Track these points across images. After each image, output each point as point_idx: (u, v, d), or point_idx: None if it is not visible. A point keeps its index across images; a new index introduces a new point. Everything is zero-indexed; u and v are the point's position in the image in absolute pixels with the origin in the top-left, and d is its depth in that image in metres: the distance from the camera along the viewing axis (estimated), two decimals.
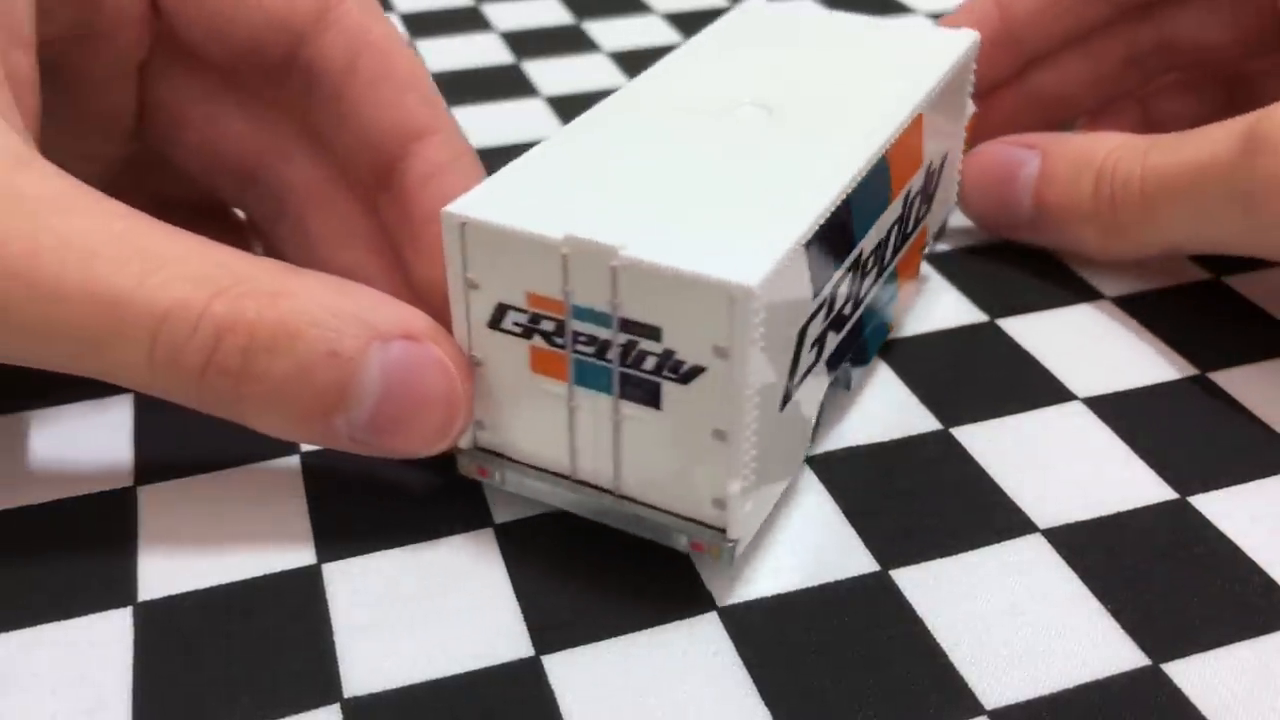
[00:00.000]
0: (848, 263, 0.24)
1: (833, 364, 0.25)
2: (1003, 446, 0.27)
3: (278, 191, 0.28)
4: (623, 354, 0.21)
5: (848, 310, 0.25)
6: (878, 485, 0.26)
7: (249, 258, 0.22)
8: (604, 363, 0.22)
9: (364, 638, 0.22)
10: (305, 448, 0.27)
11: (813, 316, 0.23)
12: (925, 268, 0.33)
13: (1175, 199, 0.29)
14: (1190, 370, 0.29)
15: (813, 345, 0.23)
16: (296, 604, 0.23)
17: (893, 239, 0.27)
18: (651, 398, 0.22)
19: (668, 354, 0.21)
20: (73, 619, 0.23)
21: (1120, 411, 0.28)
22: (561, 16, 0.50)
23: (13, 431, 0.27)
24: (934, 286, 0.32)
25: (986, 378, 0.29)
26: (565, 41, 0.48)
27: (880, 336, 0.28)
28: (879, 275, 0.27)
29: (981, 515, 0.25)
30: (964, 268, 0.33)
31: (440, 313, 0.23)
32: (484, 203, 0.22)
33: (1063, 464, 0.26)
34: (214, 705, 0.21)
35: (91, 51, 0.26)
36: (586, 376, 0.22)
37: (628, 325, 0.21)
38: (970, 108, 0.31)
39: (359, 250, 0.28)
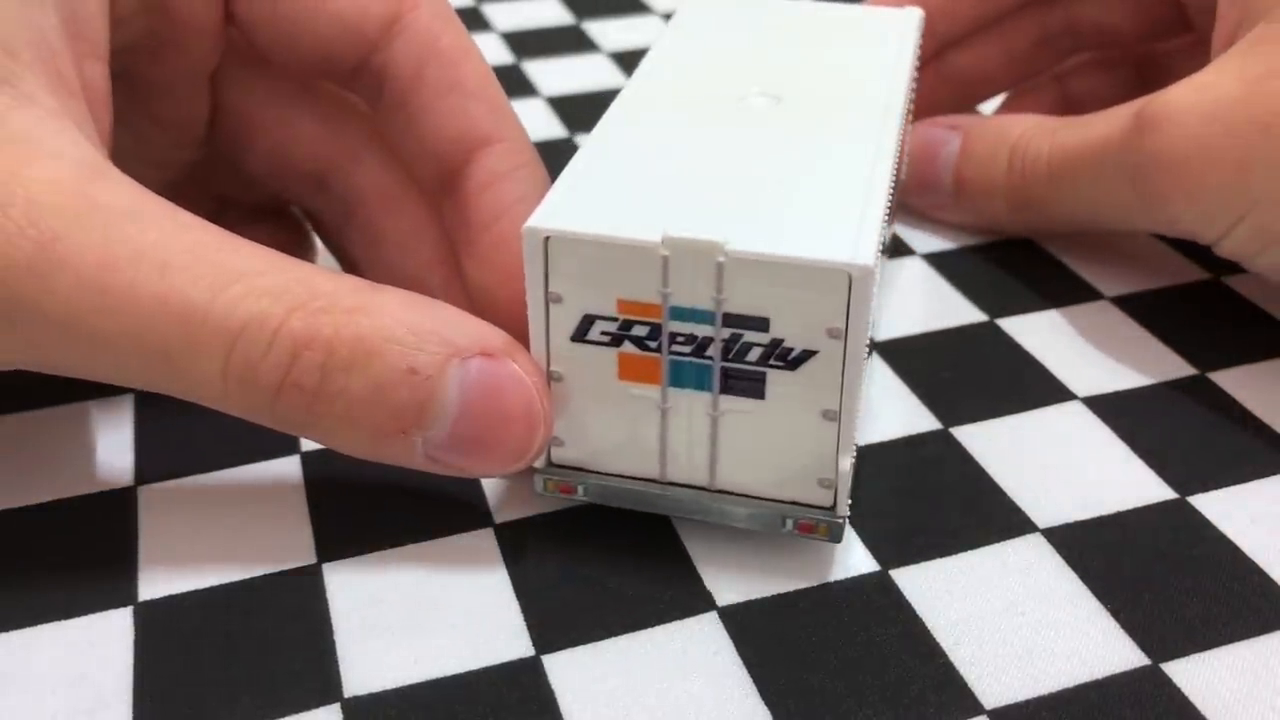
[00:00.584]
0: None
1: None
2: (1003, 446, 0.27)
3: (346, 196, 0.28)
4: (725, 349, 0.22)
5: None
6: (877, 485, 0.26)
7: (325, 273, 0.22)
8: (703, 360, 0.22)
9: (364, 637, 0.22)
10: (305, 448, 0.27)
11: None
12: (925, 266, 0.33)
13: (1077, 175, 0.31)
14: (1190, 370, 0.29)
15: None
16: (296, 604, 0.23)
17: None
18: (755, 389, 0.22)
19: (775, 343, 0.21)
20: (73, 619, 0.23)
21: (1120, 411, 0.28)
22: (561, 16, 0.50)
23: (13, 431, 0.27)
24: (934, 286, 0.32)
25: (986, 378, 0.29)
26: (565, 41, 0.48)
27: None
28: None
29: (981, 515, 0.25)
30: (964, 268, 0.33)
31: (494, 319, 0.23)
32: (564, 214, 0.21)
33: (1063, 464, 0.26)
34: (214, 705, 0.21)
35: (164, 60, 0.26)
36: (682, 377, 0.22)
37: (731, 319, 0.21)
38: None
39: (425, 256, 0.28)
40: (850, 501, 0.23)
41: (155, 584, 0.23)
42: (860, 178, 0.23)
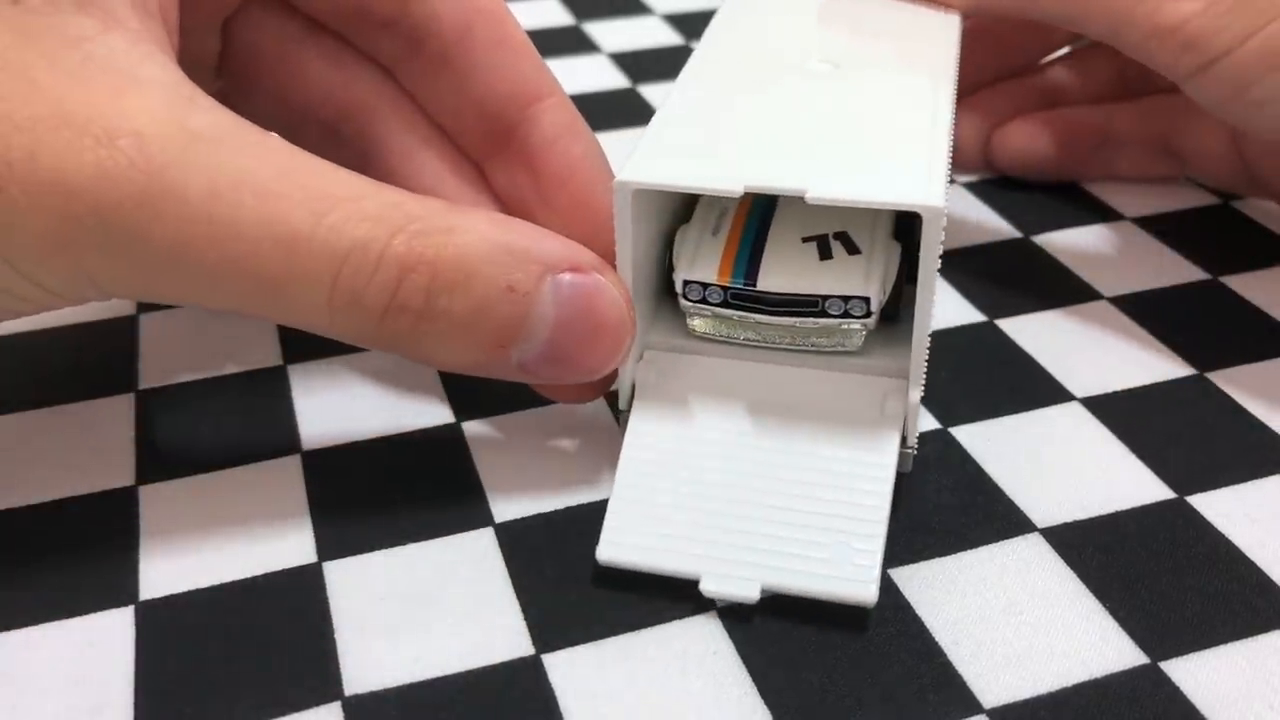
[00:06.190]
0: None
1: None
2: (1002, 446, 0.27)
3: (363, 147, 0.28)
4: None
5: None
6: None
7: (413, 195, 0.22)
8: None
9: (364, 636, 0.22)
10: (306, 447, 0.27)
11: None
12: None
13: None
14: (1189, 370, 0.29)
15: None
16: (297, 603, 0.23)
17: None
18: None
19: None
20: (74, 618, 0.23)
21: (1119, 411, 0.28)
22: (561, 17, 0.50)
23: (13, 431, 0.27)
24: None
25: (986, 378, 0.29)
26: (565, 41, 0.48)
27: None
28: None
29: (980, 515, 0.25)
30: (964, 268, 0.33)
31: None
32: (651, 167, 0.23)
33: (1062, 464, 0.26)
34: (215, 704, 0.21)
35: (195, 4, 0.26)
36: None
37: None
38: None
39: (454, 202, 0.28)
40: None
41: (156, 583, 0.23)
42: (923, 130, 0.24)
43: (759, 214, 0.26)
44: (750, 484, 0.23)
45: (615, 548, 0.23)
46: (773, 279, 0.24)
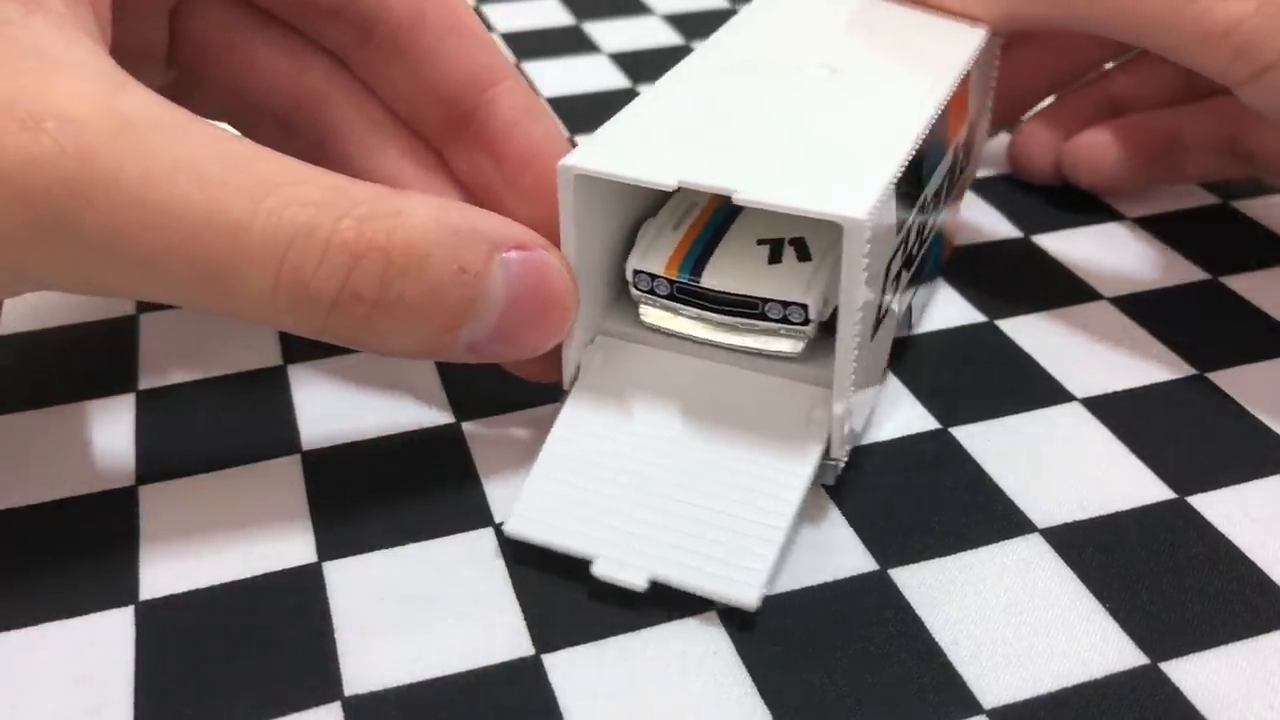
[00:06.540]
0: (918, 205, 0.26)
1: (901, 301, 0.27)
2: (1002, 446, 0.27)
3: (315, 135, 0.28)
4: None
5: (915, 250, 0.27)
6: (877, 485, 0.26)
7: (354, 180, 0.22)
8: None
9: (364, 636, 0.22)
10: (306, 446, 0.27)
11: (895, 252, 0.25)
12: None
13: None
14: (1189, 370, 0.29)
15: (893, 280, 0.25)
16: (297, 603, 0.23)
17: (945, 188, 0.29)
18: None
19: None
20: (74, 619, 0.23)
21: (1119, 411, 0.28)
22: (561, 17, 0.50)
23: (13, 431, 0.27)
24: (933, 287, 0.32)
25: (986, 378, 0.29)
26: (565, 42, 0.48)
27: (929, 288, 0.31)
28: (935, 221, 0.28)
29: (980, 515, 0.25)
30: (964, 268, 0.33)
31: None
32: (595, 155, 0.23)
33: (1062, 464, 0.26)
34: (215, 704, 0.21)
35: None
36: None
37: None
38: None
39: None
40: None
41: (156, 583, 0.23)
42: (887, 143, 0.24)
43: (725, 213, 0.26)
44: (666, 477, 0.24)
45: (523, 521, 0.24)
46: (716, 277, 0.24)
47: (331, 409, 0.28)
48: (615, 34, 0.49)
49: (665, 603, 0.23)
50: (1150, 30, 0.28)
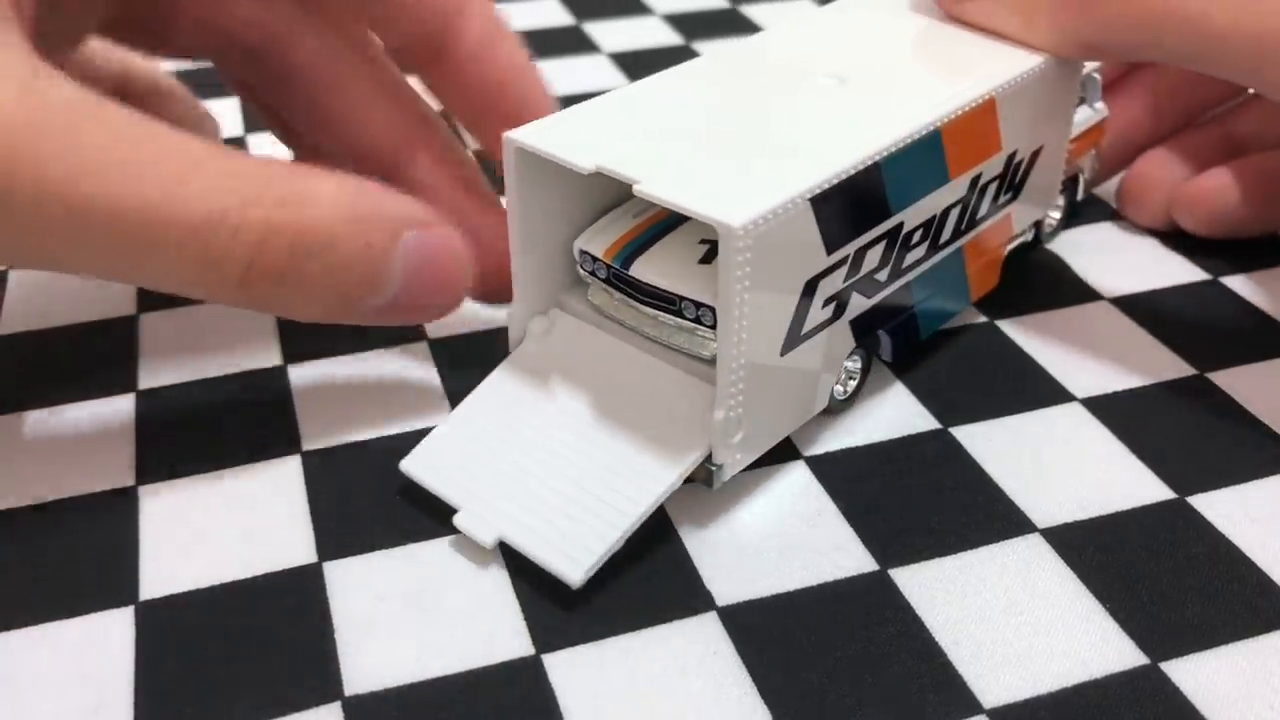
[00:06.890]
0: (881, 229, 0.25)
1: (860, 328, 0.26)
2: (1002, 446, 0.27)
3: (284, 73, 0.29)
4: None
5: (882, 277, 0.26)
6: (877, 485, 0.26)
7: (265, 161, 0.23)
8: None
9: (365, 637, 0.22)
10: (306, 447, 0.27)
11: (827, 272, 0.24)
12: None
13: None
14: (1189, 370, 0.29)
15: (827, 301, 0.25)
16: (297, 603, 0.23)
17: (952, 219, 0.28)
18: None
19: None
20: (74, 618, 0.23)
21: (1119, 411, 0.28)
22: (561, 17, 0.50)
23: (13, 431, 0.27)
24: None
25: (986, 378, 0.29)
26: (565, 42, 0.48)
27: (938, 319, 0.30)
28: (931, 252, 0.28)
29: (980, 515, 0.25)
30: None
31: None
32: (534, 132, 0.24)
33: (1062, 464, 0.26)
34: (215, 704, 0.21)
35: None
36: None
37: None
38: (1095, 113, 0.33)
39: (376, 134, 0.29)
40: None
41: (156, 583, 0.23)
42: (822, 159, 0.23)
43: None
44: (554, 450, 0.25)
45: (416, 462, 0.25)
46: (644, 268, 0.25)
47: (331, 409, 0.28)
48: (615, 34, 0.49)
49: (665, 603, 0.23)
50: (1244, 62, 0.26)
